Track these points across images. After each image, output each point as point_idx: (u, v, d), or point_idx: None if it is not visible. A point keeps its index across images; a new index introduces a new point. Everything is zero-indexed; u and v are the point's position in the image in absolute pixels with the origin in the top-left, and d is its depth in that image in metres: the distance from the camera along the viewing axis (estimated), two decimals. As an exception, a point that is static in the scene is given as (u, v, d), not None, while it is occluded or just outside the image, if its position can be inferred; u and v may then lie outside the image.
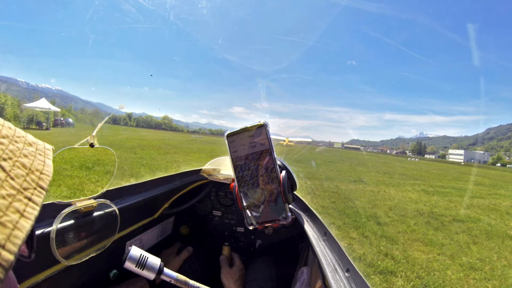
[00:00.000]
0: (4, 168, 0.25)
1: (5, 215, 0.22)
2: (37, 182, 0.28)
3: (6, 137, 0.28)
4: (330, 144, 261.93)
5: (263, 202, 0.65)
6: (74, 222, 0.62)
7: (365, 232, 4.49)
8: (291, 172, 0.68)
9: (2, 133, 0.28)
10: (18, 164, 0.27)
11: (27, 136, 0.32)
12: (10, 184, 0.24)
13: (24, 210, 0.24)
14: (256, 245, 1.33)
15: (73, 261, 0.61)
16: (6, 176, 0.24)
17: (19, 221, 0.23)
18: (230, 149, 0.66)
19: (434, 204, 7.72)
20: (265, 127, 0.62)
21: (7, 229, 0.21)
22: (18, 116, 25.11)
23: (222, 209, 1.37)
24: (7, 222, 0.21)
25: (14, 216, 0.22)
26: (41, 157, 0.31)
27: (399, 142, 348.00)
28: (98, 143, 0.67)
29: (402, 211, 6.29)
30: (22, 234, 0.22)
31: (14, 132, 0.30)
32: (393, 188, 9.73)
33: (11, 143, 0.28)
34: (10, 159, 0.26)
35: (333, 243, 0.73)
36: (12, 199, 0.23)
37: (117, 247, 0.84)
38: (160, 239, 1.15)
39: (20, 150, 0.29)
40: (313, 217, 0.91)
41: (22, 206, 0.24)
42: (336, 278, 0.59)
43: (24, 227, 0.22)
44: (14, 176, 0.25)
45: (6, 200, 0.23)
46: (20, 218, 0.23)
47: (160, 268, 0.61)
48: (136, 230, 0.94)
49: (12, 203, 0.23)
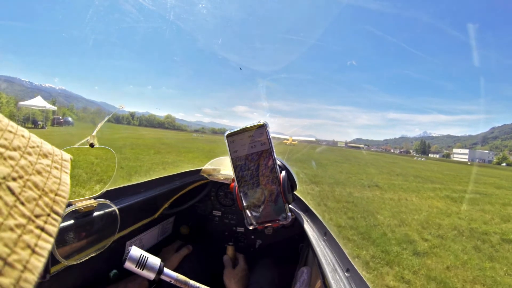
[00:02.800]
0: (13, 190, 0.20)
1: (14, 252, 0.17)
2: (51, 207, 0.23)
3: (18, 149, 0.23)
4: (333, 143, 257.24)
5: (263, 202, 0.64)
6: (74, 222, 0.63)
7: (403, 271, 3.22)
8: (291, 172, 0.68)
9: (14, 144, 0.23)
10: (30, 184, 0.22)
11: (42, 145, 0.27)
12: (20, 211, 0.19)
13: (36, 245, 0.19)
14: (256, 245, 1.33)
15: (73, 261, 0.61)
16: (15, 201, 0.20)
17: (30, 260, 0.18)
18: (230, 149, 0.66)
19: (469, 216, 6.42)
20: (265, 127, 0.62)
21: (15, 271, 0.17)
22: (14, 114, 24.47)
23: (222, 209, 1.37)
24: (15, 263, 0.17)
25: (24, 254, 0.18)
26: (57, 172, 0.26)
27: (403, 141, 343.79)
28: (98, 143, 0.68)
29: (437, 230, 5.04)
30: (34, 277, 0.18)
31: (28, 142, 0.25)
32: (414, 195, 8.47)
33: (23, 156, 0.23)
34: (21, 178, 0.21)
35: (333, 243, 0.73)
36: (22, 231, 0.19)
37: (117, 247, 0.84)
38: (160, 239, 1.15)
39: (33, 165, 0.24)
40: (313, 217, 0.91)
41: (33, 239, 0.19)
42: (336, 278, 0.59)
43: (35, 268, 0.18)
44: (25, 201, 0.20)
45: (14, 232, 0.18)
46: (31, 256, 0.18)
47: (160, 268, 0.61)
48: (136, 230, 0.94)
49: (22, 236, 0.19)
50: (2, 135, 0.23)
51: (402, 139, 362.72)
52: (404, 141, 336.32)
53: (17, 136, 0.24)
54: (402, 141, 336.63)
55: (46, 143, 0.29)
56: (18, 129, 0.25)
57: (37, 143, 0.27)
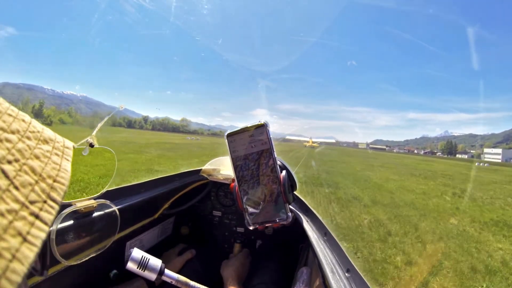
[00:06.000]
0: (6, 173, 0.19)
1: (2, 240, 0.16)
2: (48, 193, 0.21)
3: (16, 132, 0.22)
4: (354, 144, 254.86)
5: (263, 202, 0.65)
6: (74, 222, 0.62)
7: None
8: (291, 172, 0.68)
9: (12, 127, 0.22)
10: (26, 168, 0.21)
11: (43, 131, 0.26)
12: (13, 196, 0.18)
13: (28, 233, 0.18)
14: (256, 245, 1.33)
15: (73, 261, 0.61)
16: (9, 185, 0.18)
17: (20, 248, 0.17)
18: (230, 149, 0.66)
19: None
20: (266, 126, 0.62)
21: (2, 260, 0.16)
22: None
23: (222, 209, 1.37)
24: (3, 251, 0.16)
25: (14, 242, 0.17)
26: (57, 159, 0.25)
27: (424, 141, 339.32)
28: (97, 143, 0.67)
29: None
30: (23, 268, 0.16)
31: (28, 126, 0.24)
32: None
33: (21, 140, 0.22)
34: (17, 162, 0.20)
35: (333, 243, 0.73)
36: (14, 216, 0.17)
37: (117, 247, 0.84)
38: (160, 239, 1.15)
39: (32, 150, 0.23)
40: (313, 217, 0.91)
41: (26, 226, 0.18)
42: (336, 278, 0.59)
43: (26, 258, 0.17)
44: (19, 185, 0.19)
45: (5, 218, 0.17)
46: (21, 244, 0.17)
47: (161, 269, 0.62)
48: (136, 230, 0.94)
49: (13, 223, 0.17)
50: (1, 117, 0.21)
51: (423, 139, 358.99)
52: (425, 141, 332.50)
53: (17, 120, 0.23)
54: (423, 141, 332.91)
55: (47, 129, 0.28)
56: (19, 113, 0.24)
57: (37, 129, 0.26)
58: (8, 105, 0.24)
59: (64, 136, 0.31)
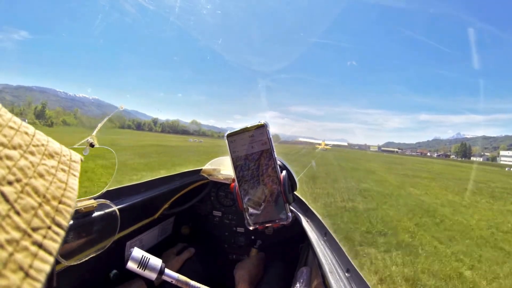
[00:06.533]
0: (7, 196, 0.16)
1: (2, 276, 0.14)
2: (53, 217, 0.19)
3: (18, 148, 0.20)
4: (366, 147, 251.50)
5: (264, 202, 0.64)
6: (74, 222, 0.62)
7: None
8: (291, 172, 0.68)
9: (14, 141, 0.20)
10: (29, 189, 0.18)
11: (48, 144, 0.24)
12: (13, 223, 0.16)
13: (31, 266, 0.15)
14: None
15: (73, 261, 0.61)
16: (9, 209, 0.16)
17: (21, 286, 0.14)
18: (230, 149, 0.66)
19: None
20: (266, 127, 0.62)
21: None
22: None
23: (222, 209, 1.37)
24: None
25: (15, 278, 0.14)
26: (63, 175, 0.23)
27: (435, 143, 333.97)
28: (98, 143, 0.67)
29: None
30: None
31: (31, 140, 0.22)
32: None
33: (23, 156, 0.20)
34: (18, 182, 0.18)
35: (333, 243, 0.73)
36: (15, 248, 0.15)
37: (117, 247, 0.84)
38: (160, 239, 1.15)
39: (35, 167, 0.20)
40: (313, 217, 0.91)
41: (28, 258, 0.15)
42: (336, 278, 0.59)
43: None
44: (21, 210, 0.17)
45: (5, 250, 0.15)
46: (23, 280, 0.15)
47: (161, 269, 0.62)
48: (136, 230, 0.94)
49: (14, 255, 0.15)
50: (1, 131, 0.19)
51: (435, 141, 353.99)
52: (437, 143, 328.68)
53: (20, 133, 0.21)
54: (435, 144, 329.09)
55: (53, 142, 0.25)
56: (22, 125, 0.22)
57: (42, 142, 0.23)
58: (11, 116, 0.22)
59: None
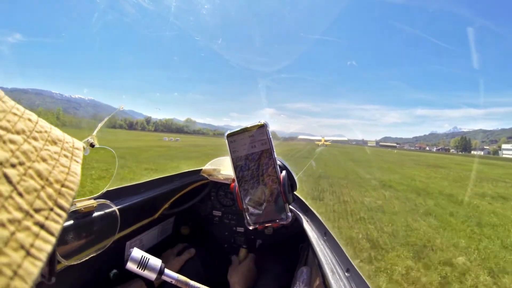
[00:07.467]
0: (10, 178, 0.17)
1: (3, 254, 0.14)
2: (55, 200, 0.19)
3: (22, 133, 0.20)
4: (363, 142, 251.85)
5: (263, 202, 0.65)
6: (74, 222, 0.63)
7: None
8: (291, 172, 0.68)
9: (17, 127, 0.20)
10: (32, 172, 0.19)
11: (51, 131, 0.25)
12: (16, 204, 0.16)
13: (32, 245, 0.16)
14: (256, 245, 1.33)
15: (73, 261, 0.61)
16: (12, 191, 0.17)
17: (22, 264, 0.15)
18: (230, 149, 0.66)
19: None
20: (266, 127, 0.62)
21: (3, 277, 0.14)
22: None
23: (222, 209, 1.37)
24: (4, 267, 0.14)
25: (16, 256, 0.15)
26: (66, 161, 0.23)
27: (432, 138, 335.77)
28: (98, 143, 0.67)
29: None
30: (26, 286, 0.14)
31: (34, 126, 0.23)
32: None
33: (26, 141, 0.20)
34: (21, 165, 0.18)
35: (333, 243, 0.73)
36: (16, 227, 0.16)
37: (117, 247, 0.84)
38: (160, 239, 1.15)
39: (38, 151, 0.21)
40: (313, 217, 0.91)
41: (29, 238, 0.16)
42: (336, 278, 0.59)
43: (29, 274, 0.15)
44: (23, 191, 0.17)
45: (6, 229, 0.15)
46: (24, 259, 0.15)
47: (161, 269, 0.62)
48: (136, 230, 0.94)
49: (15, 234, 0.15)
50: (5, 117, 0.20)
51: (432, 135, 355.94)
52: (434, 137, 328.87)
53: (23, 119, 0.22)
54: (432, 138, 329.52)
55: (56, 129, 0.26)
56: (25, 112, 0.23)
57: (45, 128, 0.24)
58: (14, 103, 0.23)
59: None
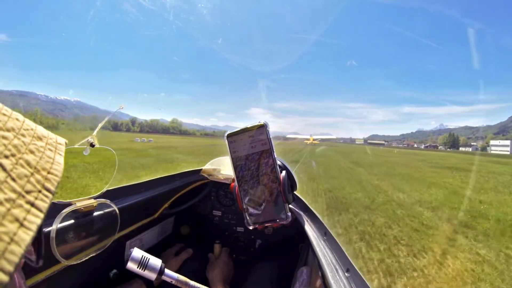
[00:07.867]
0: (4, 167, 0.21)
1: (1, 225, 0.18)
2: (43, 184, 0.24)
3: (12, 130, 0.25)
4: (351, 140, 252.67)
5: (263, 202, 0.65)
6: (74, 221, 0.63)
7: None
8: (291, 172, 0.68)
9: (7, 125, 0.24)
10: (22, 162, 0.23)
11: (36, 129, 0.29)
12: (10, 187, 0.21)
13: (25, 219, 0.20)
14: (256, 245, 1.33)
15: (73, 261, 0.61)
16: (7, 177, 0.21)
17: (17, 232, 0.19)
18: (230, 149, 0.67)
19: None
20: (265, 127, 0.62)
21: (2, 242, 0.18)
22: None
23: (222, 209, 1.37)
24: (2, 235, 0.18)
25: (12, 227, 0.19)
26: (51, 153, 0.28)
27: (419, 135, 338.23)
28: (98, 143, 0.67)
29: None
30: (20, 249, 0.18)
31: (22, 124, 0.27)
32: None
33: (16, 137, 0.25)
34: (13, 156, 0.23)
35: (333, 243, 0.73)
36: (11, 205, 0.20)
37: (117, 247, 0.84)
38: (160, 239, 1.15)
39: (27, 145, 0.25)
40: (313, 217, 0.91)
41: (22, 213, 0.20)
42: (336, 278, 0.59)
43: (23, 240, 0.19)
44: (16, 177, 0.22)
45: (3, 206, 0.19)
46: (19, 228, 0.19)
47: (161, 269, 0.62)
48: (136, 230, 0.94)
49: (11, 210, 0.20)
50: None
51: (418, 132, 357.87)
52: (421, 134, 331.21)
53: (11, 119, 0.25)
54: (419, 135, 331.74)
55: (41, 127, 0.30)
56: (13, 113, 0.27)
57: (31, 127, 0.28)
58: (1, 105, 0.26)
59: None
